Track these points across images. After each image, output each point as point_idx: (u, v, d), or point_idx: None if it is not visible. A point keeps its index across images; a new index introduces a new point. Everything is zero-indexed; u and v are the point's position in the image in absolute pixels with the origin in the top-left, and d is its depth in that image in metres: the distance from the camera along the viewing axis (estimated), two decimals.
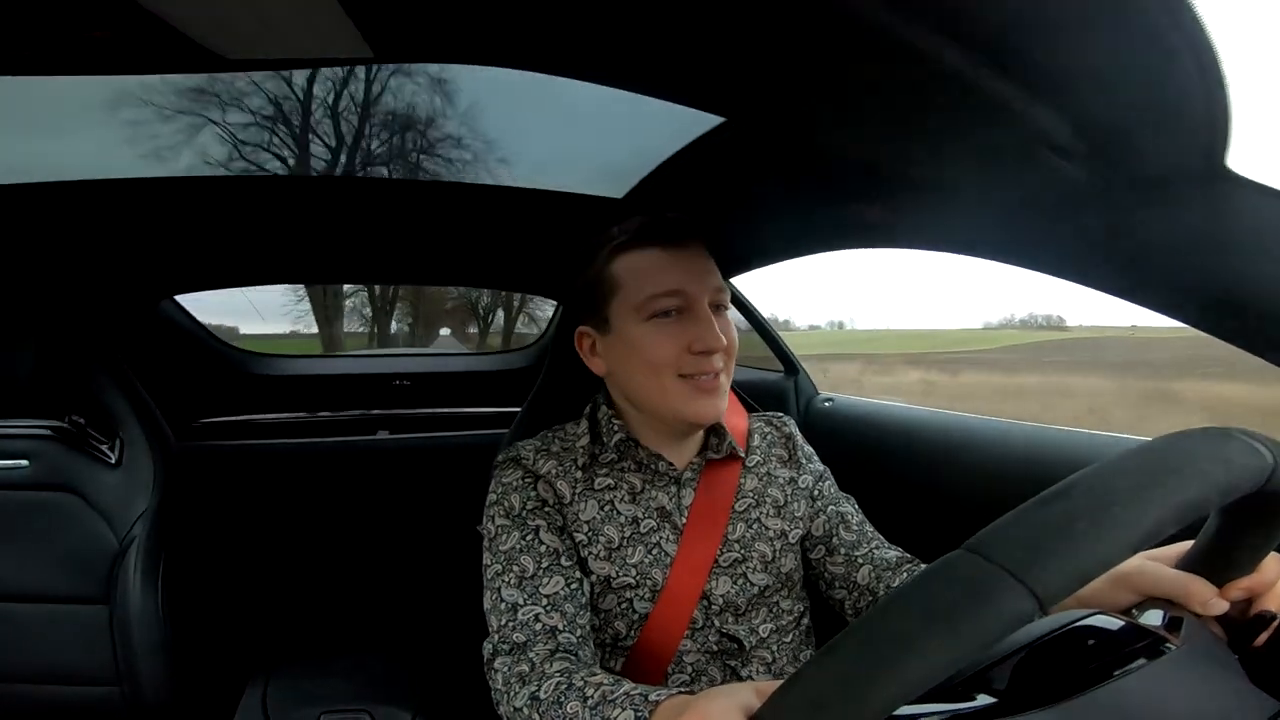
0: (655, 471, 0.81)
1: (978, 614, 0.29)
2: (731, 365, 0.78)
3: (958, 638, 0.29)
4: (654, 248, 0.76)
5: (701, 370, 0.74)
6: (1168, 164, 0.51)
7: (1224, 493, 0.35)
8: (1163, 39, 0.40)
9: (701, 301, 0.75)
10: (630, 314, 0.75)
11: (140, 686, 1.11)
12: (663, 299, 0.74)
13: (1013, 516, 0.34)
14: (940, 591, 0.31)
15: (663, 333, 0.74)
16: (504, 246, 1.38)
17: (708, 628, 0.78)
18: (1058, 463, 0.94)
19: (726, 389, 0.78)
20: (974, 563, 0.31)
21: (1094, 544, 0.31)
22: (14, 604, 1.12)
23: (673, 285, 0.74)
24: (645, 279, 0.75)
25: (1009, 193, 0.65)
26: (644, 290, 0.74)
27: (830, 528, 0.86)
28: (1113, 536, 0.31)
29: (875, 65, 0.49)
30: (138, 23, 0.41)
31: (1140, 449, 0.36)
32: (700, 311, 0.74)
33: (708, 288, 0.76)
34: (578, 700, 0.59)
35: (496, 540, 0.76)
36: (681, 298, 0.74)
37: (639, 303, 0.75)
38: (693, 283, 0.75)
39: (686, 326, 0.74)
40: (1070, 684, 0.38)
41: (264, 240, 1.26)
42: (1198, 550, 0.49)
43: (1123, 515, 0.32)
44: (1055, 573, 0.30)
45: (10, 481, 1.12)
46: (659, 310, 0.74)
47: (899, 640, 0.29)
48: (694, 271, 0.75)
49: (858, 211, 0.93)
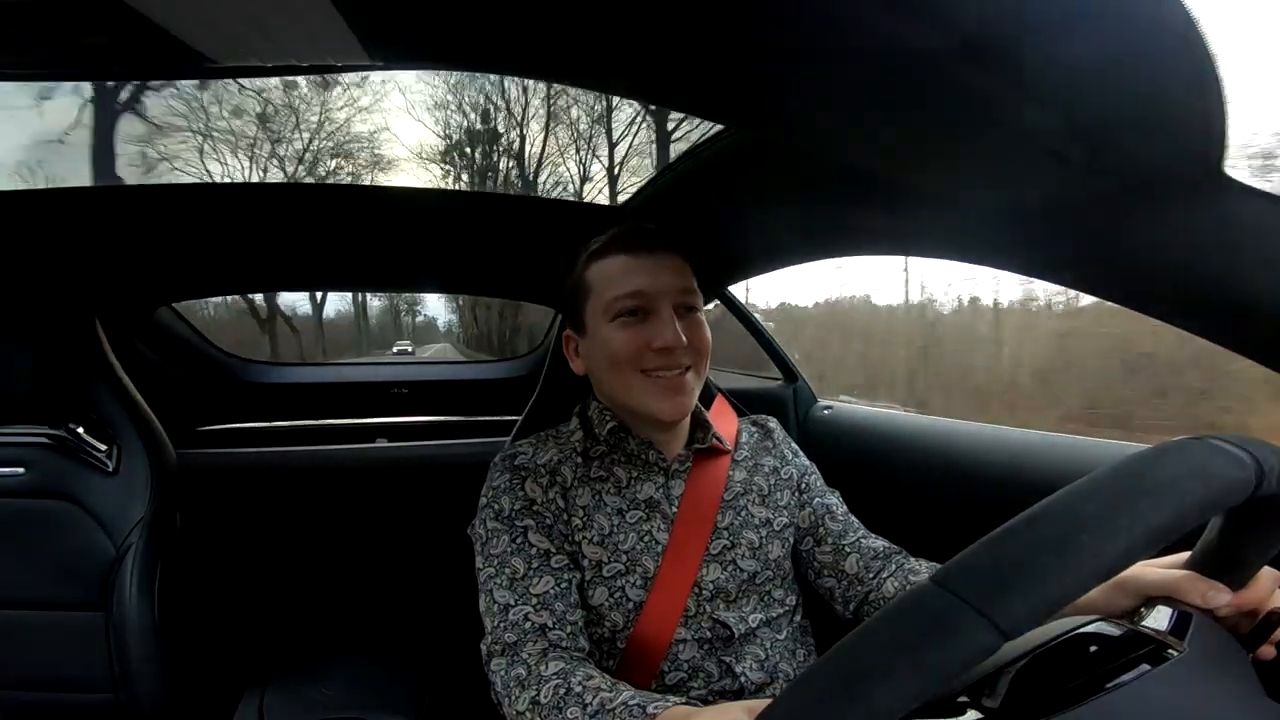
0: (645, 462, 0.84)
1: (941, 647, 0.30)
2: (702, 366, 0.82)
3: (922, 670, 0.29)
4: (622, 254, 0.81)
5: (663, 367, 0.78)
6: (1165, 169, 0.51)
7: (1202, 510, 0.35)
8: (1160, 44, 0.40)
9: (663, 302, 0.79)
10: (600, 315, 0.81)
11: (136, 694, 1.11)
12: (625, 299, 0.79)
13: (980, 547, 0.34)
14: (906, 625, 0.32)
15: (625, 331, 0.79)
16: (503, 255, 1.38)
17: (700, 615, 0.80)
18: (1057, 469, 0.94)
19: (694, 388, 0.81)
20: (939, 596, 0.32)
21: (1058, 575, 0.31)
22: (10, 611, 1.12)
23: (634, 287, 0.79)
24: (611, 282, 0.80)
25: (1006, 198, 0.65)
26: (609, 292, 0.80)
27: (817, 518, 0.90)
28: (1078, 567, 0.31)
29: (872, 70, 0.49)
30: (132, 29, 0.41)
31: (1115, 468, 0.36)
32: (661, 312, 0.79)
33: (671, 289, 0.80)
34: (577, 706, 0.61)
35: (488, 544, 0.78)
36: (643, 299, 0.79)
37: (606, 304, 0.80)
38: (655, 284, 0.79)
39: (648, 326, 0.79)
40: (1070, 694, 0.37)
41: (262, 248, 1.27)
42: (1196, 556, 0.49)
43: (1089, 544, 0.32)
44: (1019, 605, 0.30)
45: (7, 489, 1.12)
46: (622, 310, 0.79)
47: (866, 674, 0.30)
48: (657, 274, 0.80)
49: (854, 218, 0.93)
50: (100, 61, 0.50)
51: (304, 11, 0.42)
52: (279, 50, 0.47)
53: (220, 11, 0.42)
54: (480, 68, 0.60)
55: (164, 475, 1.18)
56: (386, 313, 16.87)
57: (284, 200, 1.11)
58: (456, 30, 0.51)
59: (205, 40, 0.45)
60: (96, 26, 0.43)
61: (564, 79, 0.61)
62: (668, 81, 0.60)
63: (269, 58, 0.48)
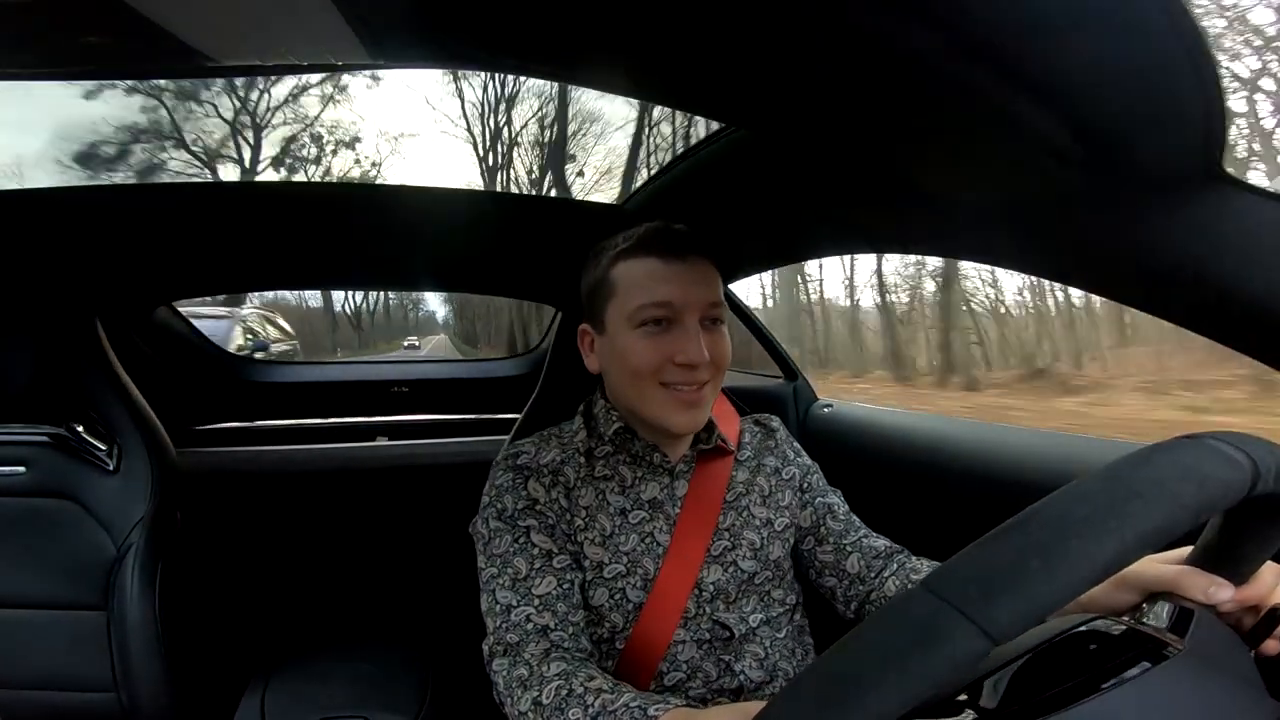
0: (650, 464, 0.83)
1: (929, 653, 0.30)
2: (720, 379, 0.80)
3: (911, 676, 0.29)
4: (652, 257, 0.77)
5: (683, 381, 0.76)
6: (1164, 168, 0.51)
7: (1196, 513, 0.34)
8: (1159, 43, 0.40)
9: (690, 315, 0.76)
10: (622, 320, 0.77)
11: (137, 693, 1.11)
12: (651, 309, 0.75)
13: (970, 551, 0.34)
14: (895, 630, 0.32)
15: (648, 342, 0.76)
16: (505, 253, 1.38)
17: (700, 616, 0.79)
18: (1057, 468, 0.94)
19: (709, 401, 0.79)
20: (929, 601, 0.32)
21: (1047, 581, 0.31)
22: (11, 610, 1.12)
23: (663, 297, 0.75)
24: (638, 287, 0.76)
25: (1006, 197, 0.65)
26: (636, 299, 0.76)
27: (818, 518, 0.89)
28: (1067, 572, 0.31)
29: (875, 71, 0.49)
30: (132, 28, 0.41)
31: (1107, 471, 0.36)
32: (688, 325, 0.75)
33: (700, 303, 0.76)
34: (578, 708, 0.61)
35: (491, 543, 0.77)
36: (670, 310, 0.75)
37: (630, 310, 0.76)
38: (684, 296, 0.76)
39: (673, 338, 0.75)
40: (1068, 693, 0.37)
41: (264, 246, 1.26)
42: (1198, 552, 0.49)
43: (1079, 548, 0.31)
44: (1007, 611, 0.30)
45: (7, 488, 1.12)
46: (647, 319, 0.76)
47: (855, 679, 0.30)
48: (687, 285, 0.76)
49: (854, 217, 0.93)
50: (100, 61, 0.50)
51: (304, 10, 0.42)
52: (279, 49, 0.47)
53: (220, 10, 0.42)
54: (482, 66, 0.60)
55: (165, 474, 1.18)
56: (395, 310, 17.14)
57: (284, 199, 1.11)
58: (457, 29, 0.51)
59: (205, 39, 0.45)
60: (96, 25, 0.43)
61: (565, 77, 0.61)
62: (669, 80, 0.60)
63: (269, 56, 0.48)
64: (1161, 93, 0.44)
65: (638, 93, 0.65)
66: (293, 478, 1.60)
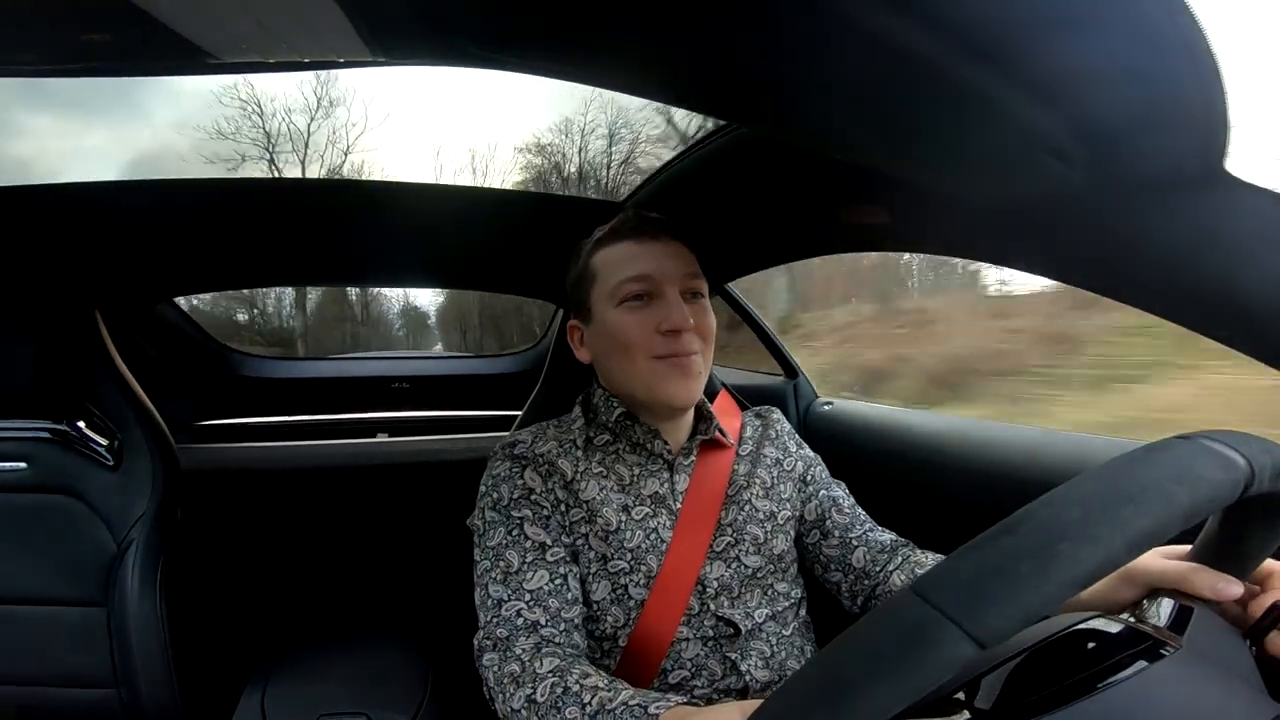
0: (650, 453, 0.84)
1: (916, 658, 0.30)
2: (709, 352, 0.82)
3: (898, 681, 0.29)
4: (627, 240, 0.81)
5: (674, 351, 0.78)
6: (1166, 167, 0.51)
7: (1189, 515, 0.34)
8: (1161, 41, 0.40)
9: (670, 286, 0.79)
10: (606, 301, 0.81)
11: (138, 689, 1.11)
12: (631, 284, 0.79)
13: (960, 555, 0.34)
14: (884, 634, 0.32)
15: (633, 315, 0.79)
16: (505, 250, 1.38)
17: (703, 613, 0.79)
18: (1057, 466, 0.94)
19: (703, 373, 0.81)
20: (917, 605, 0.32)
21: (1036, 585, 0.31)
22: (12, 606, 1.12)
23: (640, 270, 0.79)
24: (617, 267, 0.80)
25: (1007, 196, 0.65)
26: (615, 276, 0.80)
27: (823, 511, 0.89)
28: (1057, 576, 0.31)
29: (874, 69, 0.49)
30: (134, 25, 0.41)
31: (1099, 472, 0.36)
32: (669, 295, 0.79)
33: (677, 274, 0.80)
34: (575, 706, 0.60)
35: (485, 536, 0.78)
36: (649, 282, 0.79)
37: (611, 289, 0.80)
38: (660, 268, 0.79)
39: (656, 309, 0.78)
40: (1065, 691, 0.37)
41: (263, 243, 1.26)
42: (1198, 549, 0.49)
43: (1069, 552, 0.31)
44: (995, 616, 0.30)
45: (8, 484, 1.12)
46: (629, 294, 0.79)
47: (844, 683, 0.30)
48: (663, 258, 0.80)
49: (854, 216, 0.93)
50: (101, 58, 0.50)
51: (306, 7, 0.42)
52: (281, 46, 0.47)
53: (222, 7, 0.42)
54: (483, 64, 0.60)
55: (166, 470, 1.18)
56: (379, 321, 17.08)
57: (285, 194, 1.11)
58: (460, 26, 0.51)
59: (207, 36, 0.45)
60: (98, 22, 0.43)
61: (565, 75, 0.61)
62: (669, 78, 0.60)
63: (271, 54, 0.48)
64: (1163, 91, 0.44)
65: (639, 90, 0.65)
66: (293, 474, 1.61)
